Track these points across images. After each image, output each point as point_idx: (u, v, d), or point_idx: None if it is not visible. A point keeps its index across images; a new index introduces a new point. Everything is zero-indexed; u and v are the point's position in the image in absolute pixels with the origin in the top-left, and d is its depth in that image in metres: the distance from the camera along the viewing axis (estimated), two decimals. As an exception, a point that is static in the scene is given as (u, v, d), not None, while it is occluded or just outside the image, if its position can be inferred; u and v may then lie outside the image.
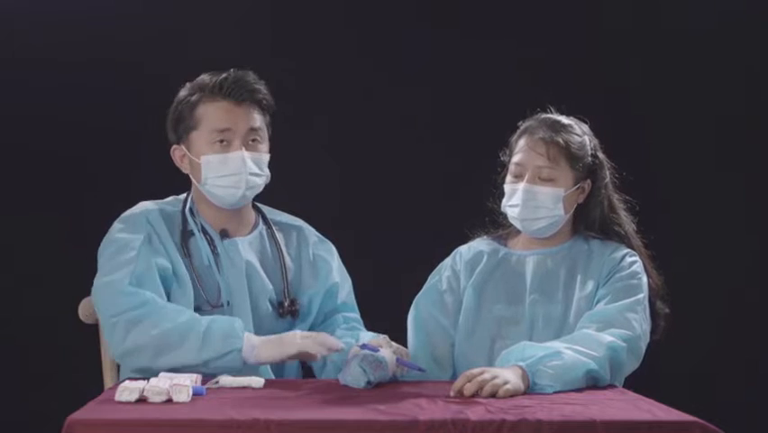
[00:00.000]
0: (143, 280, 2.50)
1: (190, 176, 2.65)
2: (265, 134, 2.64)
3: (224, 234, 2.64)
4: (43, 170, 3.73)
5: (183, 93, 2.64)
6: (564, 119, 2.69)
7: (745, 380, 3.85)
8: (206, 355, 2.40)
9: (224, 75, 2.60)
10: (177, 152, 2.65)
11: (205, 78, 2.62)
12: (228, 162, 2.57)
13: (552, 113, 2.71)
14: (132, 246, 2.53)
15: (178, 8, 3.76)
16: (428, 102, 3.81)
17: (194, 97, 2.60)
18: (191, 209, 2.64)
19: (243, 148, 2.57)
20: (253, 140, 2.60)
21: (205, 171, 2.58)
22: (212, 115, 2.58)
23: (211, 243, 2.62)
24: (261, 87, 2.62)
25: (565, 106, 2.71)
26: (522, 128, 2.69)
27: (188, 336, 2.41)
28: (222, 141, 2.57)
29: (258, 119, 2.61)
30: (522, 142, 2.65)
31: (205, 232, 2.63)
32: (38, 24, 3.72)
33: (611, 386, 2.40)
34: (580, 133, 2.66)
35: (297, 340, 2.46)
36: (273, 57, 3.73)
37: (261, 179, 2.61)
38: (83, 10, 3.73)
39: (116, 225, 2.62)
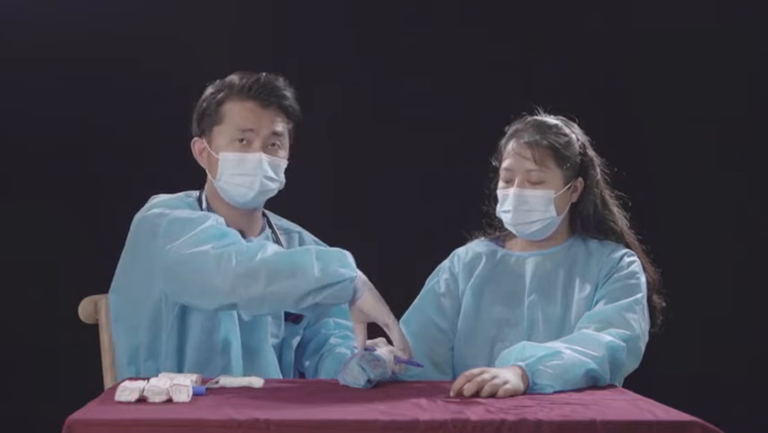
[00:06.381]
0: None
1: (207, 171, 2.65)
2: (286, 141, 2.64)
3: (241, 235, 2.64)
4: (44, 169, 3.74)
5: (211, 89, 2.64)
6: (551, 120, 2.68)
7: (744, 379, 3.85)
8: (323, 281, 2.31)
9: (255, 77, 2.61)
10: (197, 145, 2.65)
11: (234, 77, 2.62)
12: (245, 162, 2.57)
13: (539, 113, 2.71)
14: (195, 213, 2.52)
15: (179, 7, 3.76)
16: (427, 102, 3.81)
17: (221, 95, 2.61)
18: (207, 207, 2.64)
19: (263, 151, 2.58)
20: (273, 144, 2.60)
21: (221, 168, 2.59)
22: (237, 113, 2.58)
23: None
24: (290, 93, 2.63)
25: (551, 107, 2.71)
26: (509, 132, 2.69)
27: (302, 260, 2.34)
28: (242, 140, 2.58)
29: (281, 125, 2.61)
30: (509, 147, 2.65)
31: None
32: (37, 23, 3.73)
33: (611, 386, 2.40)
34: (567, 133, 2.66)
35: (392, 316, 2.38)
36: (273, 56, 3.74)
37: (275, 184, 2.61)
38: (83, 9, 3.74)
39: (151, 211, 2.54)
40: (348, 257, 2.38)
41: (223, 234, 2.44)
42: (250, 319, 2.52)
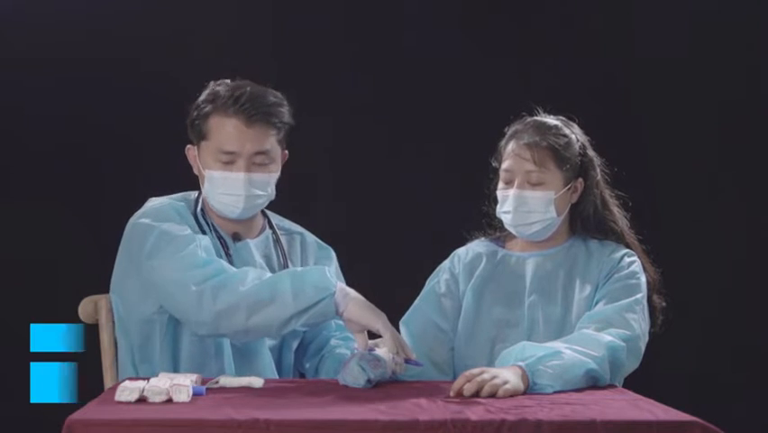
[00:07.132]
0: (210, 253, 2.48)
1: (199, 180, 2.64)
2: (276, 154, 2.58)
3: (237, 238, 2.63)
4: (44, 169, 3.73)
5: (201, 98, 2.59)
6: (551, 120, 2.68)
7: (744, 379, 3.85)
8: (301, 305, 2.34)
9: (240, 90, 2.54)
10: (191, 153, 2.62)
11: (221, 88, 2.56)
12: (228, 182, 2.54)
13: (539, 114, 2.70)
14: (183, 230, 2.51)
15: (178, 6, 3.76)
16: (426, 102, 3.81)
17: (208, 108, 2.55)
18: (202, 210, 2.63)
19: (247, 170, 2.53)
20: (260, 161, 2.55)
21: (207, 185, 2.57)
22: (221, 132, 2.53)
23: (224, 245, 2.60)
24: (278, 107, 2.56)
25: (551, 107, 2.71)
26: (509, 133, 2.69)
27: (280, 287, 2.36)
28: (226, 160, 2.54)
29: (268, 141, 2.55)
30: (509, 148, 2.65)
31: (217, 234, 2.61)
32: (36, 23, 3.72)
33: (611, 386, 2.40)
34: (567, 134, 2.66)
35: (381, 319, 2.38)
36: (273, 57, 3.74)
37: (262, 199, 2.58)
38: (81, 9, 3.74)
39: (142, 220, 2.54)
40: (325, 273, 2.38)
41: (205, 262, 2.43)
42: None
